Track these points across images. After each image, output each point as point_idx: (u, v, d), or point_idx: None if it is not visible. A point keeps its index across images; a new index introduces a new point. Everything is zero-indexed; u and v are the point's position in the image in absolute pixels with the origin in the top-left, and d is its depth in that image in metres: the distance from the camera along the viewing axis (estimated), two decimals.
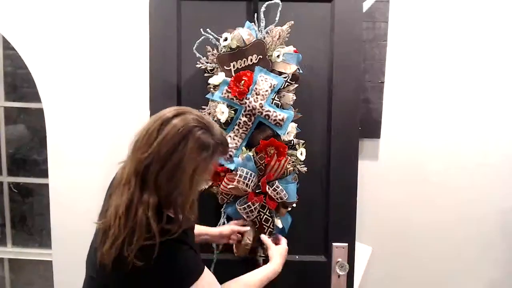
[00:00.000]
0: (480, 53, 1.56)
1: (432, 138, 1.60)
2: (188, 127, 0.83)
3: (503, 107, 1.59)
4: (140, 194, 0.82)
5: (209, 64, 1.25)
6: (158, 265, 0.81)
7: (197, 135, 0.84)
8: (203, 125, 0.86)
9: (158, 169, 0.82)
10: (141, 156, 0.83)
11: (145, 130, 0.86)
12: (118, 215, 0.82)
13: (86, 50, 1.56)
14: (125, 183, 0.84)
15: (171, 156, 0.82)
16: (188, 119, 0.85)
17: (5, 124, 1.87)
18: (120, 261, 0.80)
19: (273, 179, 1.21)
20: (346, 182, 1.35)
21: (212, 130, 0.88)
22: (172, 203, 0.86)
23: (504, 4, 1.54)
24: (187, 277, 0.86)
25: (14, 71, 1.82)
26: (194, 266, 0.88)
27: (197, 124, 0.85)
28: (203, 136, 0.85)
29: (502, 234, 1.65)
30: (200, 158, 0.84)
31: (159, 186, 0.83)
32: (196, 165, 0.84)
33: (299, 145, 1.25)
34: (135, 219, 0.81)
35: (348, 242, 1.36)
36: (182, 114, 0.86)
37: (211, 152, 0.86)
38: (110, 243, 0.81)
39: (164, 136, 0.82)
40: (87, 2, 1.54)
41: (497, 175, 1.62)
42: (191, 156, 0.83)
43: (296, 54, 1.24)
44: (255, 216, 1.23)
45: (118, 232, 0.81)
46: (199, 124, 0.85)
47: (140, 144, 0.84)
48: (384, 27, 1.54)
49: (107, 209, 0.86)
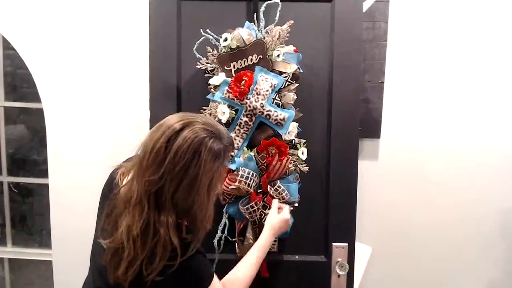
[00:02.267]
0: (480, 53, 1.56)
1: (432, 138, 1.60)
2: (199, 140, 0.80)
3: (503, 107, 1.59)
4: (158, 214, 0.79)
5: (209, 65, 1.25)
6: (175, 275, 0.81)
7: (209, 145, 0.80)
8: (211, 133, 0.82)
9: (174, 188, 0.79)
10: (152, 178, 0.78)
11: (151, 146, 0.81)
12: (133, 237, 0.78)
13: (86, 50, 1.56)
14: (136, 203, 0.80)
15: (186, 172, 0.78)
16: (196, 130, 0.80)
17: (5, 124, 1.87)
18: (139, 280, 0.80)
19: (275, 178, 1.22)
20: (346, 182, 1.35)
21: (220, 135, 0.85)
22: (192, 218, 0.85)
23: (504, 4, 1.54)
24: (200, 284, 0.88)
25: (14, 71, 1.82)
26: (207, 273, 0.90)
27: (207, 134, 0.81)
28: (214, 144, 0.81)
29: (502, 234, 1.65)
30: (215, 168, 0.82)
31: (176, 204, 0.80)
32: (212, 176, 0.82)
33: (300, 144, 1.25)
34: (155, 240, 0.79)
35: (348, 242, 1.36)
36: (190, 125, 0.81)
37: (223, 157, 0.85)
38: (126, 266, 0.79)
39: (175, 153, 0.78)
40: (87, 2, 1.54)
41: (497, 175, 1.62)
42: (206, 168, 0.80)
43: (296, 53, 1.24)
44: (258, 216, 1.23)
45: (134, 255, 0.79)
46: (208, 133, 0.82)
47: (148, 163, 0.80)
48: (384, 27, 1.54)
49: (114, 227, 0.83)
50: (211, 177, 0.82)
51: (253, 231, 1.27)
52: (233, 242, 1.32)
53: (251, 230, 1.27)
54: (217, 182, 0.86)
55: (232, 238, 1.31)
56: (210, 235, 1.31)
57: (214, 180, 0.84)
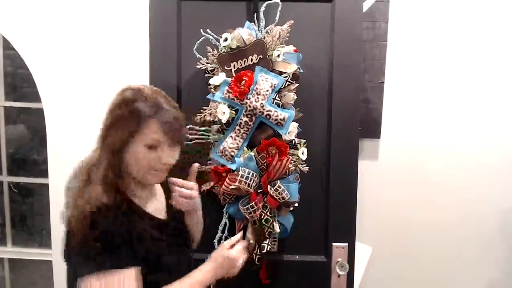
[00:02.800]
0: (480, 53, 1.57)
1: (432, 138, 1.60)
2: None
3: (503, 107, 1.59)
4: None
5: (209, 65, 1.25)
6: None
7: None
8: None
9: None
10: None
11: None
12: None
13: (86, 50, 1.56)
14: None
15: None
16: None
17: (5, 124, 1.87)
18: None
19: (275, 178, 1.21)
20: (346, 182, 1.35)
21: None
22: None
23: (504, 4, 1.54)
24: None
25: (14, 71, 1.82)
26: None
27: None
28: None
29: (502, 234, 1.65)
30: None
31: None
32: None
33: (300, 144, 1.25)
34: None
35: (348, 242, 1.36)
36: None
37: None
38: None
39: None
40: (87, 2, 1.54)
41: (497, 175, 1.62)
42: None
43: (296, 53, 1.24)
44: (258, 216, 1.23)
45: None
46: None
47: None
48: (384, 27, 1.54)
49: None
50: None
51: (253, 231, 1.27)
52: None
53: (251, 230, 1.27)
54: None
55: None
56: (210, 235, 1.31)
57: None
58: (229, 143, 1.22)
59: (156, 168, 0.92)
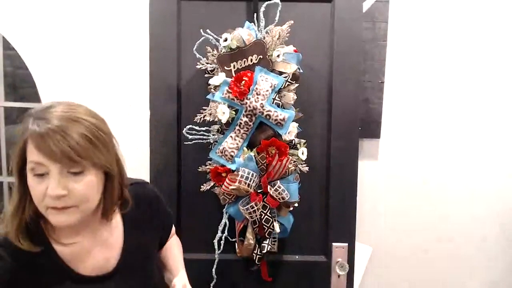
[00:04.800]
0: (481, 52, 1.57)
1: (432, 138, 1.60)
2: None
3: (504, 106, 1.59)
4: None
5: (209, 65, 1.25)
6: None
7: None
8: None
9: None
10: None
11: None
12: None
13: (86, 50, 1.56)
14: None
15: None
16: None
17: (5, 124, 1.86)
18: None
19: (275, 179, 1.21)
20: (346, 182, 1.35)
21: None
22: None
23: (504, 4, 1.54)
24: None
25: (14, 71, 1.82)
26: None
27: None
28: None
29: (502, 234, 1.65)
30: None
31: None
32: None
33: (300, 144, 1.25)
34: None
35: (348, 242, 1.36)
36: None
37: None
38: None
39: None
40: (87, 2, 1.54)
41: (497, 175, 1.62)
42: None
43: (296, 53, 1.24)
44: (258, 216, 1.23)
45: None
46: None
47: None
48: (384, 27, 1.54)
49: None
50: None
51: (253, 231, 1.27)
52: (233, 242, 1.32)
53: (251, 230, 1.27)
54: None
55: (232, 238, 1.31)
56: (210, 235, 1.31)
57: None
58: (229, 143, 1.22)
59: (48, 204, 0.70)
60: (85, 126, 0.71)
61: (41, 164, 0.68)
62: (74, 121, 0.70)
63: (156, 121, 1.33)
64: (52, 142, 0.67)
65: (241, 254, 1.30)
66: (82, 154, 0.69)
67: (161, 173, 1.32)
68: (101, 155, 0.73)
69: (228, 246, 1.32)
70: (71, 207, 0.71)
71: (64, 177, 0.70)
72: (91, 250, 0.82)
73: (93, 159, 0.71)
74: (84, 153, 0.69)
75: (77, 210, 0.72)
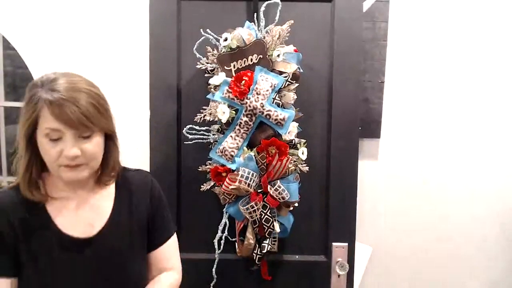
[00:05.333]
0: (481, 52, 1.57)
1: (432, 138, 1.60)
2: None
3: (504, 106, 1.59)
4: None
5: (209, 65, 1.25)
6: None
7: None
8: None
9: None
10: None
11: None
12: None
13: (86, 50, 1.56)
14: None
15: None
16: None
17: (5, 124, 1.86)
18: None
19: (275, 178, 1.21)
20: (346, 182, 1.35)
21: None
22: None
23: (504, 4, 1.54)
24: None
25: (14, 71, 1.82)
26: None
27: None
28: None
29: (502, 234, 1.65)
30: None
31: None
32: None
33: (300, 144, 1.25)
34: None
35: (348, 242, 1.36)
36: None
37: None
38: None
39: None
40: (87, 2, 1.54)
41: (497, 175, 1.62)
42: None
43: (296, 53, 1.24)
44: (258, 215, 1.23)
45: None
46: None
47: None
48: (384, 27, 1.54)
49: None
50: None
51: (253, 231, 1.27)
52: (233, 242, 1.32)
53: (251, 230, 1.27)
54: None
55: (232, 238, 1.32)
56: (210, 235, 1.31)
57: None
58: (229, 143, 1.22)
59: (62, 163, 0.81)
60: (90, 95, 0.81)
61: (57, 130, 0.78)
62: (80, 91, 0.80)
63: (156, 121, 1.33)
64: (69, 110, 0.77)
65: (241, 254, 1.30)
66: (93, 121, 0.81)
67: (161, 173, 1.32)
68: (106, 120, 0.85)
69: (228, 246, 1.32)
70: (82, 164, 0.83)
71: (77, 140, 0.81)
72: (78, 211, 0.89)
73: (101, 124, 0.83)
74: (95, 120, 0.81)
75: (87, 167, 0.84)
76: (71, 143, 0.79)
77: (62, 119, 0.77)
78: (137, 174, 1.02)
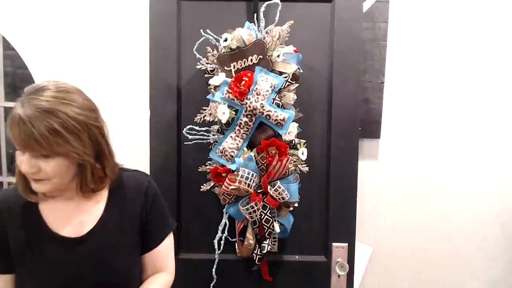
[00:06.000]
0: (481, 52, 1.57)
1: (432, 138, 1.60)
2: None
3: (504, 106, 1.59)
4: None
5: (209, 65, 1.25)
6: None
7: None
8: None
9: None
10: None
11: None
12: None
13: (86, 50, 1.56)
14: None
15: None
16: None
17: (5, 124, 1.86)
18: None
19: (275, 179, 1.22)
20: (346, 182, 1.35)
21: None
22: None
23: (504, 4, 1.54)
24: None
25: (14, 71, 1.82)
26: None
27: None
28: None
29: (502, 234, 1.65)
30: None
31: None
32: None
33: (300, 144, 1.25)
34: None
35: (348, 242, 1.36)
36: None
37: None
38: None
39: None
40: (87, 2, 1.54)
41: (497, 174, 1.62)
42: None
43: (296, 53, 1.23)
44: (258, 216, 1.23)
45: None
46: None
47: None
48: (384, 27, 1.54)
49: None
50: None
51: (253, 231, 1.27)
52: (233, 242, 1.32)
53: (251, 230, 1.27)
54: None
55: (232, 238, 1.32)
56: (210, 236, 1.31)
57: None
58: (229, 143, 1.22)
59: (27, 176, 0.83)
60: (57, 118, 0.77)
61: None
62: (49, 112, 0.77)
63: (156, 121, 1.33)
64: (23, 132, 0.76)
65: (241, 254, 1.30)
66: (44, 145, 0.77)
67: (161, 173, 1.32)
68: (68, 145, 0.79)
69: (228, 246, 1.32)
70: (45, 179, 0.82)
71: (35, 158, 0.79)
72: (69, 212, 0.90)
73: (57, 150, 0.78)
74: (48, 145, 0.77)
75: (49, 182, 0.83)
76: (27, 160, 0.80)
77: (15, 138, 0.78)
78: (133, 175, 1.02)
